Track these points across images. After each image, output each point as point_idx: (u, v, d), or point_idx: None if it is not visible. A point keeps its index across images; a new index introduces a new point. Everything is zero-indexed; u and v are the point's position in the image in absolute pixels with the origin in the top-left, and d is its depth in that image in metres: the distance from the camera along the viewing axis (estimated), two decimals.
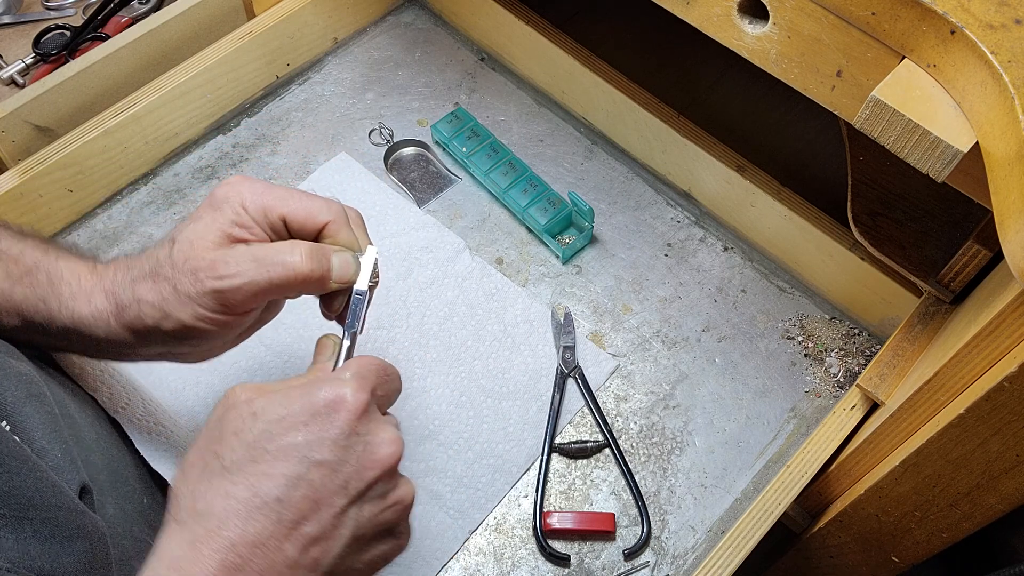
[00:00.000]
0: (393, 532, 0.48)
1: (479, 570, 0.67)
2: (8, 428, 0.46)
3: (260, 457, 0.43)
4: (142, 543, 0.53)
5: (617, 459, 0.71)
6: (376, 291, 0.80)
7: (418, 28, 0.97)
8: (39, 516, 0.42)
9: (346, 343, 0.52)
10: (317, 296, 0.54)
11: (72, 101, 0.81)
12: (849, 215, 0.71)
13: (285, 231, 0.52)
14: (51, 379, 0.54)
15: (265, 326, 0.58)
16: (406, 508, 0.48)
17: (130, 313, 0.50)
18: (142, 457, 0.57)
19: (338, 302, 0.54)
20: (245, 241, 0.51)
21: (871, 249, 0.71)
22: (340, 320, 0.54)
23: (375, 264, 0.53)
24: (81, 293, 0.51)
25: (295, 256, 0.49)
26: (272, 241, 0.52)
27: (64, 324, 0.51)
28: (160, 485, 0.58)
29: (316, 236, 0.52)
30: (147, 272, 0.50)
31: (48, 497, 0.43)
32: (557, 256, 0.82)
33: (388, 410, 0.50)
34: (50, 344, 0.54)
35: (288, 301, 0.57)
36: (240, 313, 0.50)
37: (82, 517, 0.45)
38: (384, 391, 0.48)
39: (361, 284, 0.53)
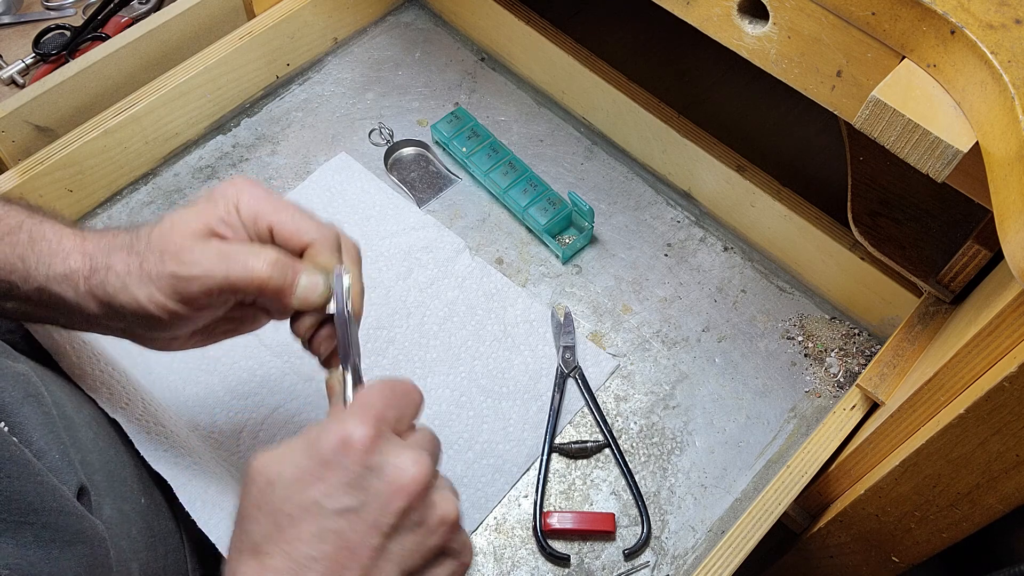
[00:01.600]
0: (448, 553, 0.46)
1: (479, 570, 0.67)
2: (6, 429, 0.46)
3: (284, 523, 0.42)
4: (139, 543, 0.53)
5: (617, 459, 0.71)
6: (376, 292, 0.80)
7: (418, 28, 0.97)
8: (39, 521, 0.42)
9: (348, 377, 0.50)
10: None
11: (72, 101, 0.81)
12: (849, 215, 0.71)
13: (270, 241, 0.51)
14: (48, 379, 0.54)
15: (265, 327, 0.58)
16: (452, 527, 0.46)
17: (97, 278, 0.49)
18: (140, 457, 0.57)
19: (304, 324, 0.52)
20: (224, 238, 0.50)
21: (871, 249, 0.71)
22: (318, 353, 0.54)
23: (348, 290, 0.51)
24: (60, 252, 0.50)
25: (258, 260, 0.48)
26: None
27: (38, 283, 0.50)
28: (159, 485, 0.58)
29: (299, 254, 0.51)
30: (126, 243, 0.50)
31: (48, 501, 0.43)
32: (557, 256, 0.82)
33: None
34: (18, 310, 0.53)
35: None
36: (194, 306, 0.49)
37: (82, 521, 0.45)
38: (397, 411, 0.46)
39: (330, 307, 0.51)
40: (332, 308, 0.51)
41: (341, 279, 0.51)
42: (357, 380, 0.51)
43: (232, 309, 0.53)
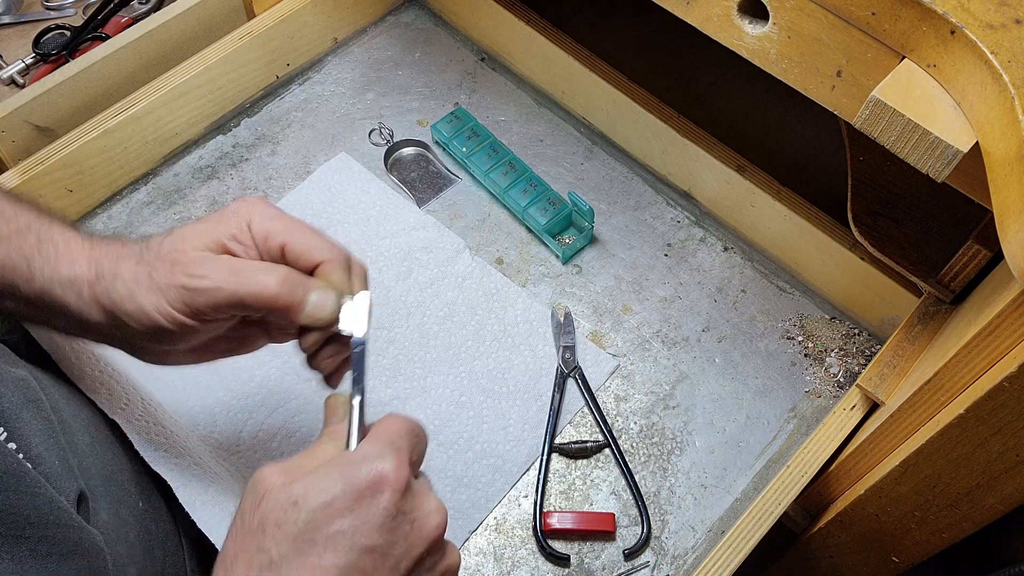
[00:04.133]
0: None
1: (479, 570, 0.67)
2: (5, 435, 0.45)
3: (308, 549, 0.42)
4: (136, 548, 0.52)
5: (617, 459, 0.71)
6: (376, 292, 0.80)
7: (418, 28, 0.97)
8: (36, 534, 0.41)
9: (358, 405, 0.49)
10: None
11: (72, 101, 0.81)
12: (849, 215, 0.71)
13: (281, 260, 0.51)
14: (46, 382, 0.54)
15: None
16: (455, 573, 0.47)
17: (103, 285, 0.49)
18: (138, 460, 0.57)
19: (309, 340, 0.52)
20: (234, 255, 0.50)
21: (871, 249, 0.71)
22: (320, 370, 0.54)
23: (369, 314, 0.52)
24: (67, 255, 0.50)
25: (269, 276, 0.49)
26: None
27: (41, 286, 0.50)
28: (158, 488, 0.58)
29: (310, 273, 0.51)
30: (135, 252, 0.50)
31: (45, 514, 0.42)
32: (557, 256, 0.82)
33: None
34: (16, 310, 0.52)
35: None
36: (200, 319, 0.49)
37: (79, 532, 0.44)
38: (417, 454, 0.47)
39: (358, 330, 0.51)
40: (345, 330, 0.51)
41: (364, 299, 0.51)
42: (362, 409, 0.50)
43: (234, 328, 0.54)
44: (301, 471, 0.44)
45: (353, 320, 0.51)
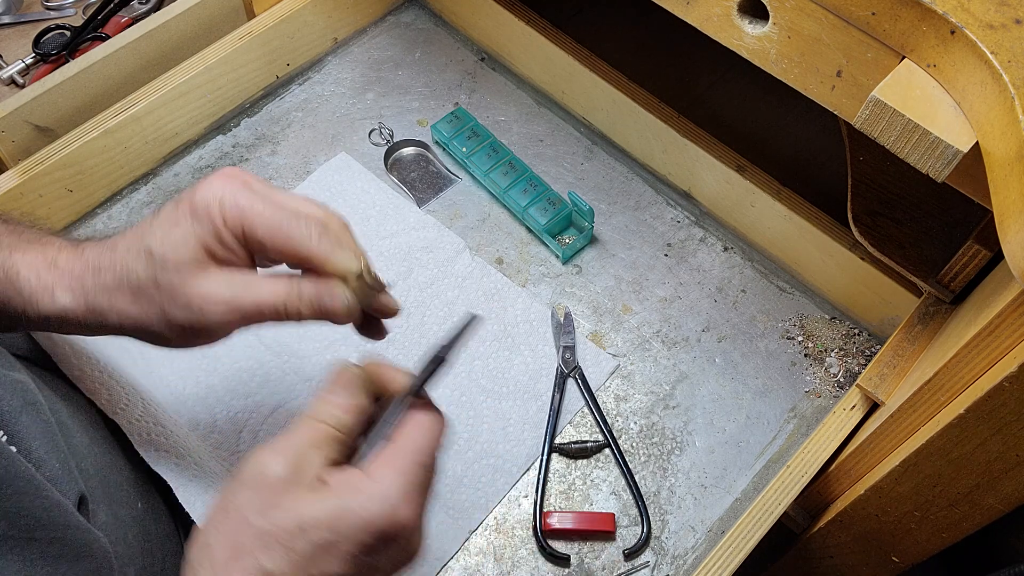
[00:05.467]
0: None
1: (479, 570, 0.67)
2: (5, 439, 0.45)
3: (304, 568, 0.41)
4: (135, 548, 0.52)
5: (617, 459, 0.71)
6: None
7: (418, 28, 0.97)
8: (46, 536, 0.41)
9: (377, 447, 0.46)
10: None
11: (72, 101, 0.81)
12: (849, 215, 0.71)
13: (264, 250, 0.50)
14: (45, 385, 0.54)
15: (265, 327, 0.58)
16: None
17: (103, 318, 0.49)
18: (137, 460, 0.57)
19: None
20: (227, 263, 0.48)
21: (871, 249, 0.71)
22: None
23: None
24: (42, 289, 0.49)
25: (270, 296, 0.48)
26: (249, 259, 0.50)
27: (36, 317, 0.49)
28: (157, 488, 0.58)
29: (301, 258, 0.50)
30: (126, 285, 0.48)
31: (54, 516, 0.42)
32: (557, 256, 0.82)
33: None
34: (30, 328, 0.52)
35: None
36: (211, 338, 0.50)
37: (87, 534, 0.44)
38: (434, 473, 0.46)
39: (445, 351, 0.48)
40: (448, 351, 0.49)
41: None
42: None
43: None
44: (305, 476, 0.43)
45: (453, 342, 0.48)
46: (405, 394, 0.48)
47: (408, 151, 0.89)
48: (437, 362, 0.48)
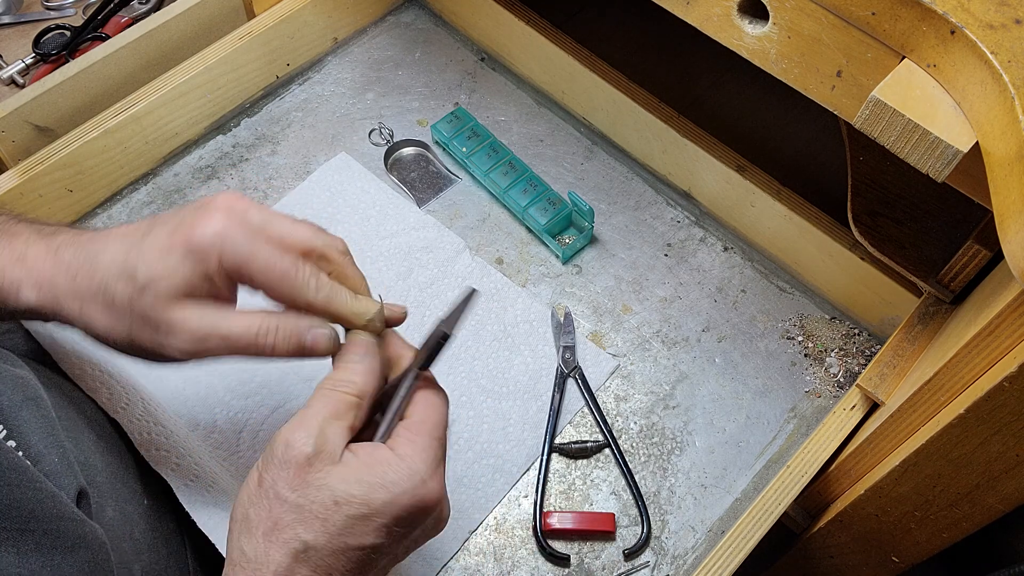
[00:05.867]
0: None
1: (479, 570, 0.67)
2: (4, 433, 0.45)
3: (341, 551, 0.44)
4: (142, 544, 0.53)
5: (617, 459, 0.71)
6: (376, 291, 0.80)
7: (418, 28, 0.97)
8: (40, 528, 0.42)
9: (407, 383, 0.49)
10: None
11: (72, 101, 0.81)
12: (849, 215, 0.71)
13: (257, 291, 0.49)
14: (49, 382, 0.54)
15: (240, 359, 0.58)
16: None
17: (68, 319, 0.49)
18: (141, 459, 0.57)
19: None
20: (207, 296, 0.48)
21: (871, 249, 0.71)
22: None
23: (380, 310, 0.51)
24: (7, 286, 0.49)
25: (245, 329, 0.48)
26: (231, 292, 0.50)
27: (25, 307, 0.49)
28: (161, 487, 0.58)
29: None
30: (100, 300, 0.48)
31: (48, 508, 0.42)
32: (557, 256, 0.82)
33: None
34: (26, 317, 0.52)
35: None
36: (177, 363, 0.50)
37: (82, 526, 0.44)
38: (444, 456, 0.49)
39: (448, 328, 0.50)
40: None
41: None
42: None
43: None
44: (331, 449, 0.45)
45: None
46: (414, 369, 0.50)
47: (408, 151, 0.89)
48: (441, 337, 0.50)
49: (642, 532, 0.68)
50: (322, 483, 0.44)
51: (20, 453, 0.45)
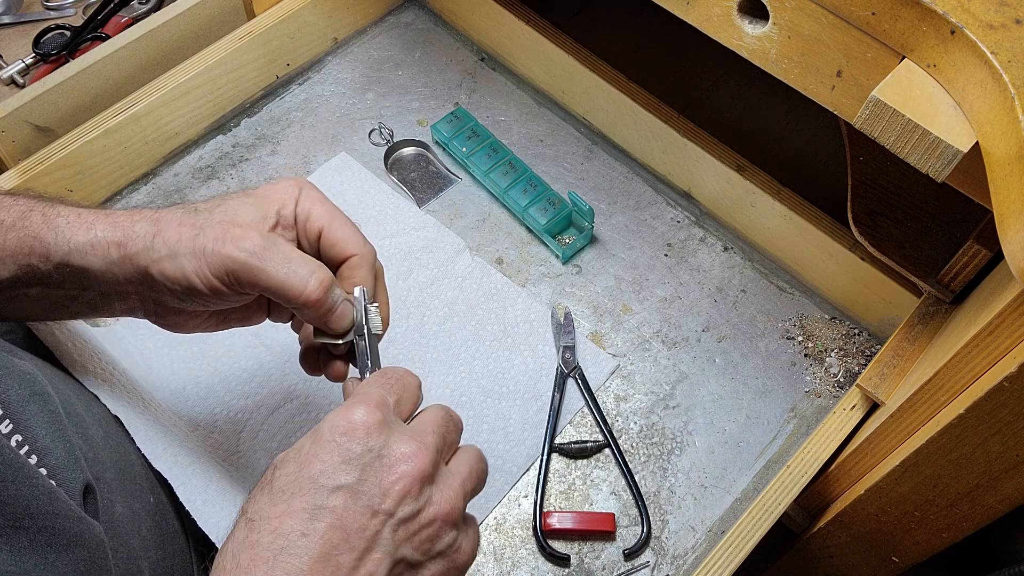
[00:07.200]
0: (443, 554, 0.45)
1: (479, 570, 0.67)
2: (11, 427, 0.45)
3: (279, 499, 0.43)
4: (149, 542, 0.53)
5: (617, 459, 0.71)
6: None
7: (418, 28, 0.97)
8: (35, 525, 0.41)
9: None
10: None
11: (72, 101, 0.81)
12: (849, 215, 0.71)
13: (315, 243, 0.53)
14: (57, 377, 0.54)
15: (263, 324, 0.58)
16: (446, 524, 0.45)
17: (136, 245, 0.50)
18: (146, 457, 0.57)
19: (308, 330, 0.56)
20: (274, 231, 0.52)
21: (871, 249, 0.71)
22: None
23: (374, 309, 0.54)
24: (81, 223, 0.50)
25: (314, 279, 0.50)
26: (299, 246, 0.53)
27: (59, 258, 0.50)
28: (164, 484, 0.58)
29: (338, 262, 0.53)
30: (176, 216, 0.50)
31: (44, 505, 0.42)
32: (557, 256, 0.82)
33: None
34: (42, 296, 0.53)
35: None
36: (235, 291, 0.50)
37: (79, 523, 0.44)
38: (396, 395, 0.48)
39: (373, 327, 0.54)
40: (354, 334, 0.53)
41: (364, 299, 0.53)
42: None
43: (250, 302, 0.55)
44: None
45: (359, 316, 0.53)
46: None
47: (408, 151, 0.89)
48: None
49: (642, 532, 0.68)
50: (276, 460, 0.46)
51: (26, 448, 0.45)
